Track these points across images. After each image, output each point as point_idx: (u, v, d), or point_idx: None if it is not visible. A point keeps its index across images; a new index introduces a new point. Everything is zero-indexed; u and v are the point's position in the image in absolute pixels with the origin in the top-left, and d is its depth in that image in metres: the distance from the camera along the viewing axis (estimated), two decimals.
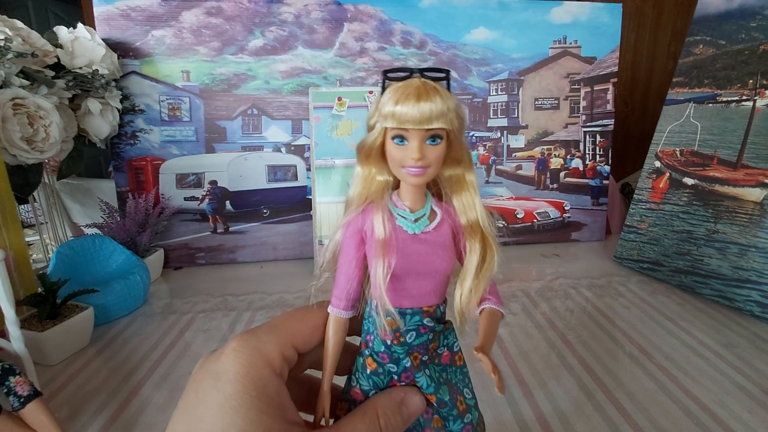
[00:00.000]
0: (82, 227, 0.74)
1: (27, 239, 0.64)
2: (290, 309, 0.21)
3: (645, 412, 0.37)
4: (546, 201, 0.82)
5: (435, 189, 0.21)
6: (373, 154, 0.20)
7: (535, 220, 0.81)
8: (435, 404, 0.20)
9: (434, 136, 0.18)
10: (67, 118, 0.60)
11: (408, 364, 0.20)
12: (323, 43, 0.74)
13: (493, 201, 0.80)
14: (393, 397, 0.20)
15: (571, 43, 0.79)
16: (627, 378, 0.41)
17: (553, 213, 0.81)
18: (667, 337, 0.48)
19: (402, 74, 0.18)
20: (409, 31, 0.75)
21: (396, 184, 0.21)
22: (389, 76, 0.19)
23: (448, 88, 0.19)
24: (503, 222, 0.80)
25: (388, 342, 0.20)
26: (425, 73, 0.19)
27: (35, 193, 0.64)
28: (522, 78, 0.79)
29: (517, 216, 0.80)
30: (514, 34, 0.77)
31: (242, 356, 0.17)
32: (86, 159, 0.67)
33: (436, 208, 0.20)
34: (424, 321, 0.20)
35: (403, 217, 0.20)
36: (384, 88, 0.19)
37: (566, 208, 0.82)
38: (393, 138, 0.19)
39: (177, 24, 0.70)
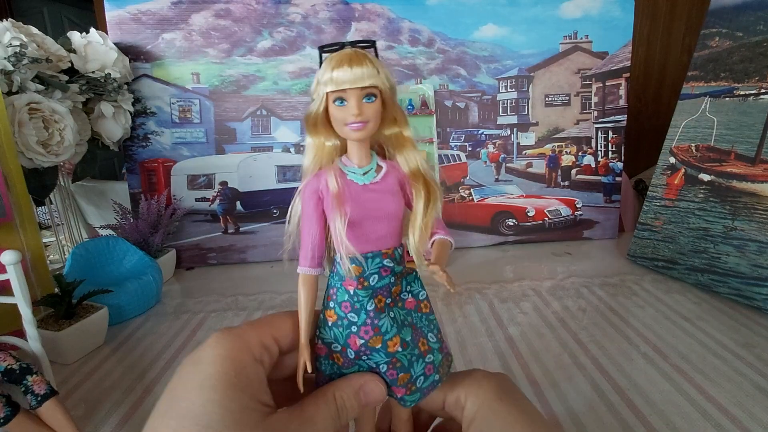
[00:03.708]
0: (96, 228, 0.75)
1: (44, 240, 0.65)
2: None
3: (660, 413, 0.36)
4: (557, 199, 0.81)
5: (379, 150, 0.24)
6: (319, 121, 0.22)
7: (547, 218, 0.80)
8: (399, 346, 0.22)
9: (369, 95, 0.21)
10: (81, 122, 0.61)
11: (371, 307, 0.22)
12: (331, 42, 0.74)
13: (503, 199, 0.80)
14: (352, 383, 0.21)
15: (582, 38, 0.77)
16: (641, 379, 0.40)
17: (565, 211, 0.80)
18: (683, 336, 0.47)
19: (336, 47, 0.22)
20: (417, 29, 0.75)
21: (344, 149, 0.23)
22: (325, 50, 0.22)
23: (376, 55, 0.22)
24: (514, 220, 0.79)
25: (352, 290, 0.22)
26: (355, 45, 0.22)
27: (51, 196, 0.65)
28: (532, 75, 0.78)
29: (528, 214, 0.79)
30: (523, 30, 0.76)
31: (223, 341, 0.18)
32: (100, 161, 0.68)
33: (381, 164, 0.23)
34: (384, 262, 0.22)
35: (352, 172, 0.23)
36: (321, 62, 0.22)
37: (578, 205, 0.81)
38: (334, 101, 0.21)
39: (186, 27, 0.71)
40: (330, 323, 0.22)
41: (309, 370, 0.22)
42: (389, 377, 0.22)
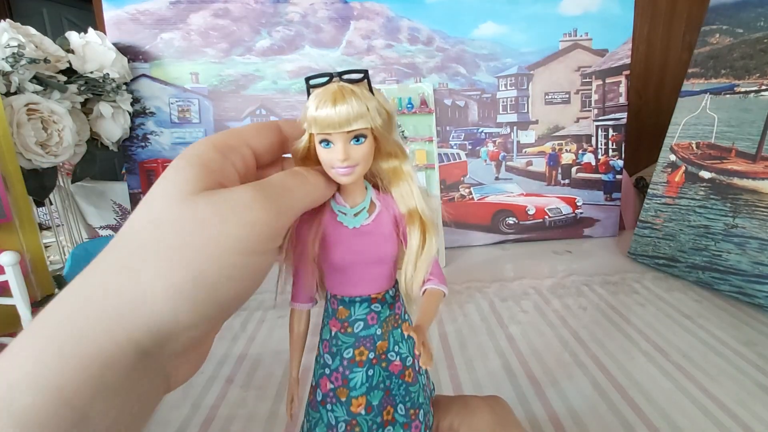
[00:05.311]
0: (96, 229, 0.75)
1: (44, 241, 0.65)
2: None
3: (661, 411, 0.36)
4: (557, 197, 0.80)
5: (374, 182, 0.23)
6: (307, 157, 0.21)
7: (547, 217, 0.80)
8: (363, 408, 0.21)
9: (357, 136, 0.19)
10: (80, 122, 0.61)
11: (348, 356, 0.21)
12: (330, 41, 0.73)
13: (503, 197, 0.79)
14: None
15: (581, 36, 0.77)
16: (642, 377, 0.40)
17: (565, 209, 0.80)
18: (684, 334, 0.47)
19: (321, 80, 0.19)
20: (416, 27, 0.75)
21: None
22: (311, 83, 0.19)
23: (370, 87, 0.19)
24: (514, 218, 0.79)
25: (334, 332, 0.22)
26: (343, 77, 0.19)
27: (51, 196, 0.65)
28: (532, 72, 0.77)
29: (528, 212, 0.79)
30: (523, 28, 0.76)
31: (188, 149, 0.18)
32: (99, 162, 0.68)
33: (376, 201, 0.22)
34: (372, 307, 0.22)
35: (343, 213, 0.21)
36: (309, 95, 0.20)
37: (578, 203, 0.81)
38: (320, 142, 0.20)
39: (185, 26, 0.71)
40: (315, 355, 0.23)
41: (295, 405, 0.22)
42: None
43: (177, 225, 0.15)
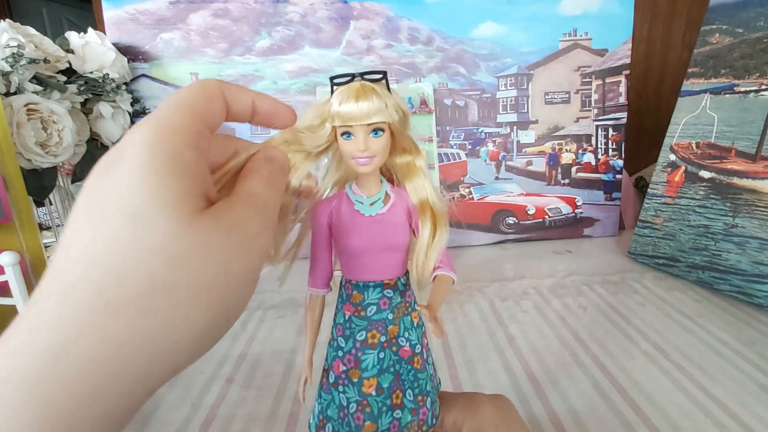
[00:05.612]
0: None
1: (44, 241, 0.65)
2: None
3: (661, 411, 0.36)
4: (557, 197, 0.80)
5: (389, 176, 0.24)
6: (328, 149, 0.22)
7: (547, 216, 0.80)
8: (374, 389, 0.22)
9: (376, 130, 0.21)
10: (80, 122, 0.61)
11: (361, 338, 0.22)
12: (330, 41, 0.73)
13: (503, 197, 0.79)
14: (258, 156, 0.19)
15: (581, 36, 0.77)
16: (642, 376, 0.40)
17: (565, 209, 0.80)
18: (684, 334, 0.47)
19: (344, 79, 0.21)
20: (416, 27, 0.75)
21: (356, 175, 0.24)
22: (335, 81, 0.21)
23: (388, 86, 0.21)
24: (514, 218, 0.79)
25: (347, 315, 0.23)
26: (365, 77, 0.21)
27: (51, 196, 0.65)
28: (531, 72, 0.77)
29: (528, 212, 0.79)
30: (522, 28, 0.76)
31: (146, 129, 0.15)
32: None
33: (390, 193, 0.23)
34: (385, 293, 0.23)
35: (360, 202, 0.23)
36: (332, 93, 0.21)
37: (578, 203, 0.81)
38: (342, 134, 0.21)
39: (185, 26, 0.71)
40: (329, 340, 0.24)
41: (309, 383, 0.23)
42: (355, 421, 0.22)
43: (192, 259, 0.14)
